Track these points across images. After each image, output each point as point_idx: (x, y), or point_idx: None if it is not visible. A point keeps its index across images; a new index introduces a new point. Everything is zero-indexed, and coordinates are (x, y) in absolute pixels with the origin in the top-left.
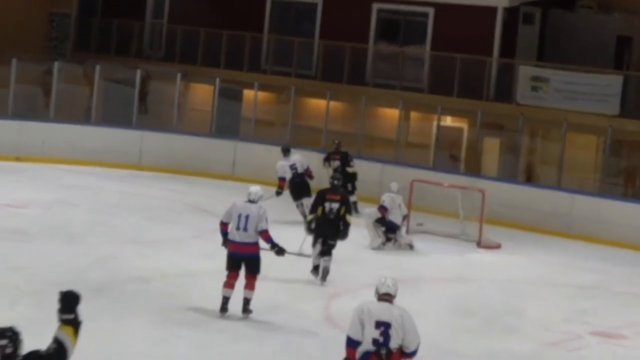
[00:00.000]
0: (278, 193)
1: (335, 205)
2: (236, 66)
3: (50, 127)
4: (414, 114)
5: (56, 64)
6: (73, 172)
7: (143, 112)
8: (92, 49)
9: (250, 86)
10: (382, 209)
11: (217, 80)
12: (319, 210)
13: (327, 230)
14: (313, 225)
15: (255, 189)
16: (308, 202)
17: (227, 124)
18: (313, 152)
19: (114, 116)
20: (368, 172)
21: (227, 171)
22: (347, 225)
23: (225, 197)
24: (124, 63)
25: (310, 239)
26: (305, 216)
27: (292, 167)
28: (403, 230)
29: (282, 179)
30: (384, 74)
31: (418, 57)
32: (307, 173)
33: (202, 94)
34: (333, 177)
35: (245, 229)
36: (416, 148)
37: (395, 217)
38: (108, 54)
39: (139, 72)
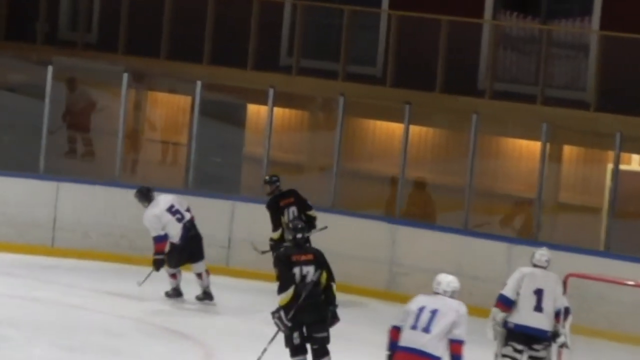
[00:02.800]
0: (158, 263)
1: (310, 270)
2: (232, 61)
3: None
4: (569, 149)
5: None
6: None
7: (62, 149)
8: None
9: (259, 96)
10: (502, 303)
11: (198, 85)
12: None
13: (308, 314)
14: (283, 313)
15: (448, 278)
16: (201, 267)
17: (216, 170)
18: (376, 222)
19: (4, 155)
20: (490, 253)
21: (216, 257)
22: (333, 299)
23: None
24: (23, 55)
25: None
26: (207, 294)
27: (173, 210)
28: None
29: (161, 240)
30: (510, 75)
31: (577, 43)
32: (192, 219)
33: (170, 111)
34: (293, 228)
35: (427, 330)
36: (573, 213)
37: (527, 315)
38: None
39: (50, 71)
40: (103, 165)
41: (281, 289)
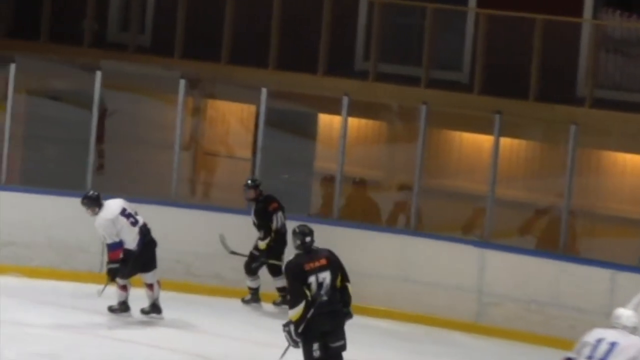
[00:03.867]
0: (114, 273)
1: (326, 276)
2: (301, 66)
3: None
4: None
5: None
6: None
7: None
8: (1, 32)
9: (331, 105)
10: None
11: (264, 92)
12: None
13: (329, 323)
14: (293, 328)
15: (627, 312)
16: (153, 277)
17: (284, 188)
18: (462, 246)
19: (47, 171)
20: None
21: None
22: (349, 300)
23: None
24: (68, 59)
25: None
26: (156, 307)
27: (126, 214)
28: None
29: (116, 247)
30: (613, 81)
31: None
32: (146, 224)
33: (232, 121)
34: (301, 232)
35: None
36: None
37: None
38: (35, 40)
39: (98, 77)
40: (157, 183)
41: (292, 304)
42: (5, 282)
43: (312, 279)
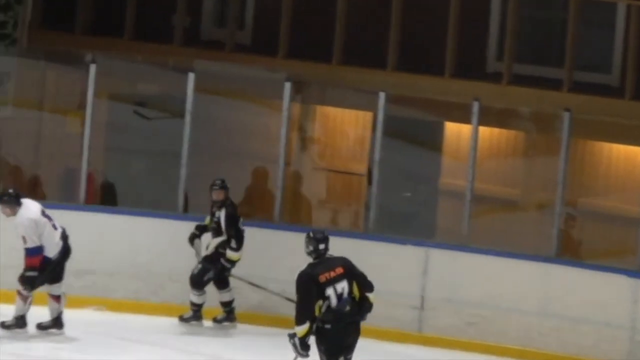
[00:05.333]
0: (31, 282)
1: (345, 286)
2: (424, 66)
3: None
4: None
5: None
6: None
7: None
8: (79, 27)
9: (460, 112)
10: None
11: (382, 97)
12: (317, 308)
13: (354, 337)
14: (299, 341)
15: None
16: (60, 289)
17: (405, 208)
18: (613, 276)
19: (134, 189)
20: None
21: (406, 320)
22: (368, 309)
23: None
24: (156, 59)
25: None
26: (58, 322)
27: (46, 214)
28: None
29: (37, 253)
30: None
31: None
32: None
33: (345, 130)
34: (315, 238)
35: None
36: None
37: None
38: (119, 37)
39: (191, 80)
40: (258, 202)
41: (299, 321)
42: (84, 316)
43: (330, 291)
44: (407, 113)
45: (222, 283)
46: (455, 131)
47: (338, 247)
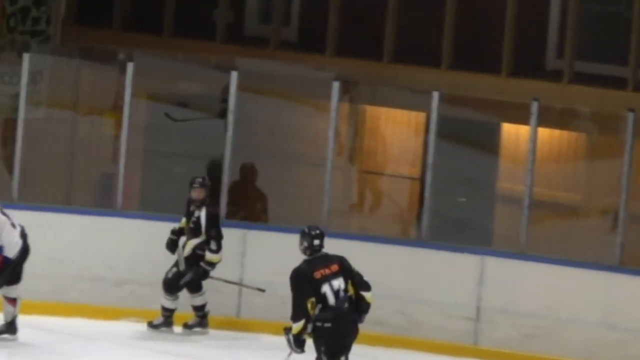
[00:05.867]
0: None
1: (341, 283)
2: (480, 65)
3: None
4: None
5: (26, 58)
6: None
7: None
8: (116, 23)
9: (518, 113)
10: None
11: (435, 97)
12: (310, 305)
13: (353, 336)
14: (305, 334)
15: None
16: (17, 291)
17: (460, 214)
18: None
19: (174, 194)
20: None
21: (460, 332)
22: (366, 309)
23: None
24: (198, 57)
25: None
26: (12, 326)
27: (3, 211)
28: None
29: None
30: None
31: None
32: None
33: (397, 132)
34: (310, 234)
35: None
36: None
37: None
38: (158, 34)
39: (234, 78)
40: (305, 208)
41: (294, 317)
42: (121, 328)
43: (325, 288)
44: (462, 114)
45: (195, 286)
46: (512, 133)
47: (388, 255)
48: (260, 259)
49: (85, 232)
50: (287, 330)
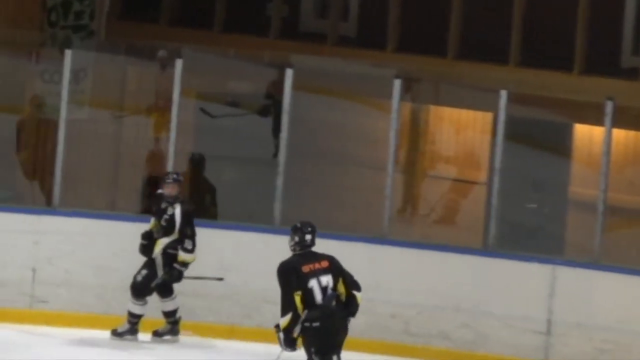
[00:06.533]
0: None
1: (329, 280)
2: (550, 62)
3: (62, 228)
4: None
5: (68, 55)
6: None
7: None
8: (164, 18)
9: (591, 113)
10: None
11: (503, 96)
12: (299, 299)
13: (343, 334)
14: (297, 331)
15: None
16: None
17: (530, 221)
18: None
19: (228, 200)
20: None
21: (531, 345)
22: (355, 310)
23: None
24: (249, 54)
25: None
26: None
27: None
28: None
29: None
30: None
31: None
32: None
33: (462, 133)
34: (303, 229)
35: None
36: None
37: None
38: (209, 29)
39: (289, 77)
40: (364, 214)
41: (283, 312)
42: (169, 341)
43: (313, 283)
44: (532, 114)
45: (167, 290)
46: (586, 134)
47: (453, 265)
48: None
49: (130, 239)
50: (277, 327)
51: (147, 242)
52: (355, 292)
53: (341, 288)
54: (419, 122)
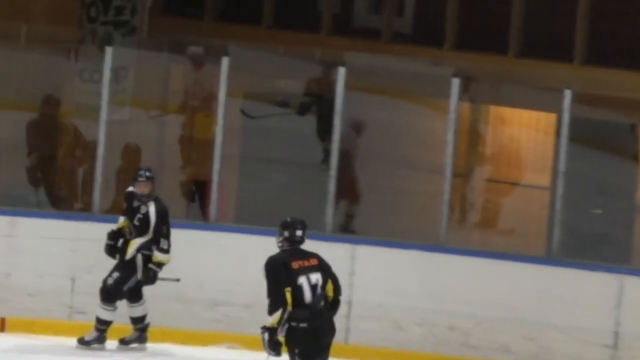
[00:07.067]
0: None
1: (319, 278)
2: (618, 60)
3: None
4: None
5: (108, 52)
6: None
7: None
8: (209, 13)
9: None
10: None
11: (567, 96)
12: (289, 295)
13: (330, 335)
14: (282, 332)
15: None
16: None
17: (595, 227)
18: None
19: (272, 205)
20: None
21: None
22: (337, 311)
23: None
24: (299, 50)
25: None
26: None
27: None
28: None
29: None
30: None
31: None
32: None
33: (524, 136)
34: (293, 225)
35: None
36: None
37: None
38: (256, 25)
39: (342, 75)
40: (421, 220)
41: (271, 309)
42: (215, 355)
43: (302, 280)
44: (598, 114)
45: (136, 295)
46: None
47: (514, 274)
48: (370, 278)
49: (174, 247)
50: (264, 328)
51: (114, 243)
52: (339, 298)
53: (329, 291)
54: (478, 123)
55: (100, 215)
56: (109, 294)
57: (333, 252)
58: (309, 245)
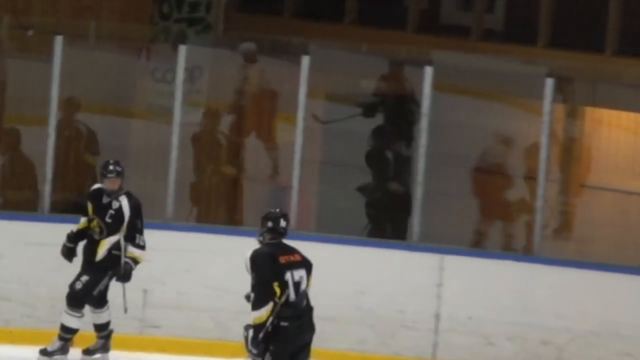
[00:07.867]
0: None
1: (303, 275)
2: None
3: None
4: None
5: (182, 51)
6: None
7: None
8: (288, 10)
9: None
10: None
11: None
12: (279, 292)
13: (310, 333)
14: (253, 333)
15: None
16: None
17: None
18: None
19: (354, 213)
20: None
21: None
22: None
23: None
24: (384, 48)
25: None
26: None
27: None
28: None
29: None
30: None
31: None
32: None
33: (622, 139)
34: (275, 217)
35: None
36: None
37: None
38: (338, 22)
39: (429, 76)
40: (514, 228)
41: (257, 304)
42: None
43: (288, 276)
44: None
45: (102, 299)
46: None
47: (611, 285)
48: (459, 289)
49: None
50: (248, 326)
51: (72, 246)
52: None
53: (308, 287)
54: (574, 125)
55: (175, 224)
56: (76, 300)
57: (420, 263)
58: (395, 255)
